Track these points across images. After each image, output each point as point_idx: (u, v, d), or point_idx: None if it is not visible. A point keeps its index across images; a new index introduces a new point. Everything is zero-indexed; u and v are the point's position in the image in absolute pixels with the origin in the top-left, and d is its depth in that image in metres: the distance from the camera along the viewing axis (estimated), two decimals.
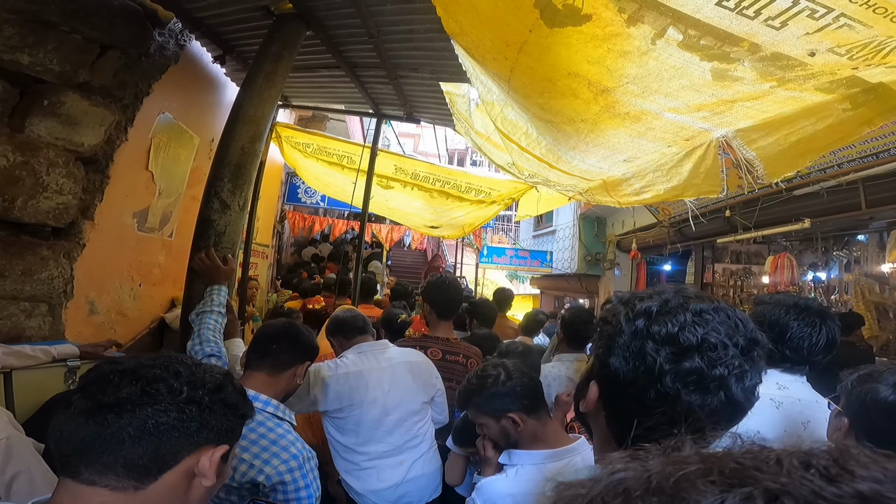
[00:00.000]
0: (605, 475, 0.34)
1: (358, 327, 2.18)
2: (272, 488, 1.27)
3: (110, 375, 0.69)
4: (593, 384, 0.73)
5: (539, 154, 2.91)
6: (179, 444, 0.69)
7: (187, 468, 0.70)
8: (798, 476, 0.29)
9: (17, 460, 1.14)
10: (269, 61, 2.49)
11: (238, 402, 0.79)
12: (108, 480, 0.65)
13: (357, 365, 2.04)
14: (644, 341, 0.66)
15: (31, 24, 2.26)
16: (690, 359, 0.64)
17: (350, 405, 1.97)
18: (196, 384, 0.73)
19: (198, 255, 2.13)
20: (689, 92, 1.66)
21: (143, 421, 0.66)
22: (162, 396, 0.69)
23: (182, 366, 0.75)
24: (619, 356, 0.68)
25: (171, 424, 0.68)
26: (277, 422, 1.39)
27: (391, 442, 2.00)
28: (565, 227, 10.64)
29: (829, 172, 4.29)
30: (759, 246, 6.89)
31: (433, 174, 5.32)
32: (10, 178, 2.26)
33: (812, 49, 1.44)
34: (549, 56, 1.78)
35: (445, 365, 2.31)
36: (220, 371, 0.81)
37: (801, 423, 1.38)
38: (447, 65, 3.16)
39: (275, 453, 1.29)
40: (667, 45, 1.56)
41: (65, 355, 2.09)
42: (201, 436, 0.71)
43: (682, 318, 0.65)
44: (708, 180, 2.10)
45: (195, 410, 0.71)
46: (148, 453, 0.66)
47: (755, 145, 1.86)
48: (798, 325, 1.41)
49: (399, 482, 1.97)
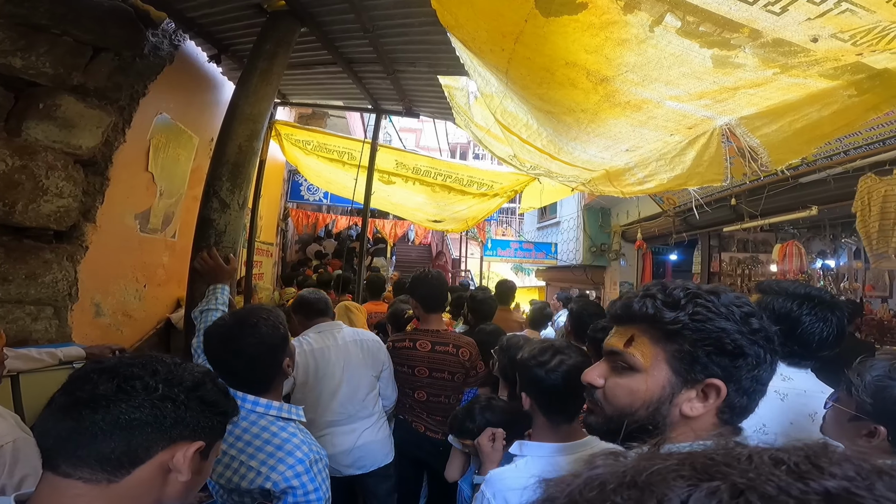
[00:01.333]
0: (585, 470, 0.35)
1: (319, 309, 2.37)
2: (282, 493, 1.26)
3: (91, 374, 0.72)
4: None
5: (540, 145, 2.88)
6: (152, 440, 0.70)
7: (161, 463, 0.71)
8: (766, 472, 0.30)
9: (24, 463, 1.15)
10: (263, 59, 2.47)
11: (217, 400, 0.81)
12: (83, 473, 0.67)
13: (318, 342, 2.27)
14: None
15: (21, 28, 2.25)
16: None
17: (315, 378, 2.20)
18: (172, 382, 0.74)
19: (199, 255, 2.13)
20: (689, 80, 1.63)
21: (115, 416, 0.68)
22: (136, 393, 0.71)
23: (161, 364, 0.76)
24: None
25: (144, 420, 0.70)
26: (283, 424, 1.37)
27: (344, 412, 2.23)
28: (569, 218, 10.58)
29: (835, 160, 4.23)
30: (766, 234, 6.81)
31: (434, 168, 5.29)
32: (9, 182, 2.27)
33: (814, 35, 1.40)
34: (546, 46, 1.75)
35: (435, 356, 2.36)
36: (200, 370, 0.82)
37: (807, 415, 1.35)
38: (444, 58, 3.13)
39: (280, 459, 1.28)
40: (665, 33, 1.53)
41: (71, 357, 2.11)
42: (175, 431, 0.73)
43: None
44: (712, 168, 2.06)
45: (170, 407, 0.72)
46: (120, 447, 0.68)
47: (759, 133, 1.82)
48: (810, 319, 1.35)
49: (351, 448, 2.21)
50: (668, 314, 0.76)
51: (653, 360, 0.78)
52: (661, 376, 0.77)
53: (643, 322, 0.80)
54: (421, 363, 2.36)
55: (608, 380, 0.83)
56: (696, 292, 0.77)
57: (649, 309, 0.78)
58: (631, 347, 0.80)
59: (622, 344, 0.81)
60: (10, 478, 1.11)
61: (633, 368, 0.79)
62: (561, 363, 1.26)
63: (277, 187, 7.62)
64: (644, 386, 0.78)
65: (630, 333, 0.81)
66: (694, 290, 0.78)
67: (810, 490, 0.28)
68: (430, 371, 2.36)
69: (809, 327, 1.35)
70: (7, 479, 1.11)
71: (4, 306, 2.30)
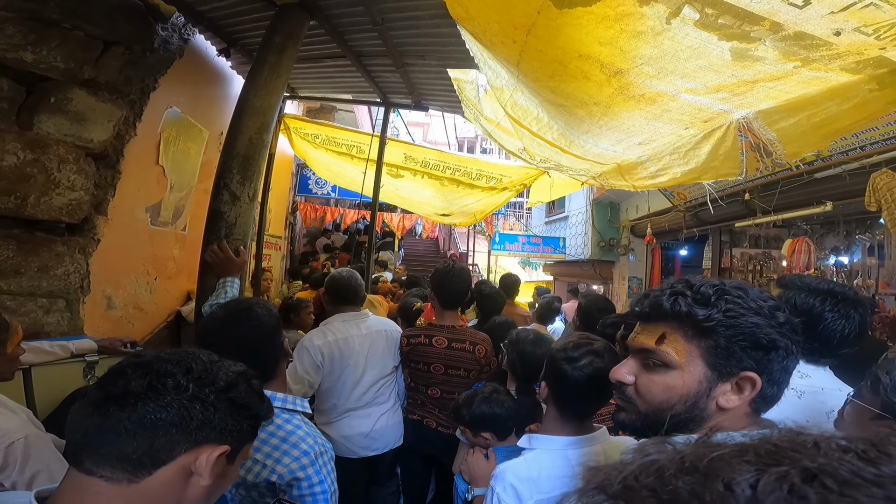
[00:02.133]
0: (637, 458, 0.35)
1: (346, 297, 2.39)
2: (287, 485, 1.25)
3: (126, 368, 0.71)
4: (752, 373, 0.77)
5: (551, 139, 2.85)
6: (176, 441, 0.68)
7: (184, 465, 0.69)
8: (836, 457, 0.30)
9: (36, 459, 1.15)
10: (273, 52, 2.45)
11: (250, 402, 0.78)
12: (104, 471, 0.66)
13: (342, 332, 2.31)
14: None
15: (32, 22, 2.26)
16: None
17: (339, 367, 2.27)
18: (205, 381, 0.72)
19: (210, 247, 2.13)
20: (707, 72, 1.59)
21: (141, 415, 0.67)
22: (166, 391, 0.69)
23: (196, 362, 0.74)
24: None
25: (170, 420, 0.68)
26: (287, 416, 1.35)
27: (364, 399, 2.32)
28: (578, 212, 10.50)
29: (851, 155, 4.14)
30: (778, 230, 6.70)
31: (443, 161, 5.27)
32: (21, 175, 2.29)
33: (837, 28, 1.37)
34: (558, 38, 1.72)
35: (451, 353, 2.31)
36: (236, 370, 0.79)
37: (824, 414, 1.31)
38: (454, 51, 3.10)
39: (285, 451, 1.26)
40: (682, 25, 1.50)
41: (83, 350, 2.12)
42: (201, 434, 0.70)
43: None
44: (727, 163, 2.02)
45: (198, 408, 0.70)
46: (142, 447, 0.66)
47: (776, 126, 1.78)
48: (832, 315, 1.30)
49: (368, 432, 2.30)
50: (702, 312, 0.78)
51: (687, 356, 0.80)
52: (697, 371, 0.79)
53: (675, 320, 0.81)
54: (437, 360, 2.32)
55: (639, 377, 0.85)
56: (725, 288, 0.79)
57: (682, 307, 0.79)
58: (664, 345, 0.82)
59: (653, 342, 0.83)
60: (21, 475, 1.12)
61: (667, 365, 0.81)
62: (590, 364, 1.24)
63: (286, 181, 7.64)
64: (681, 381, 0.80)
65: (661, 331, 0.83)
66: (721, 286, 0.79)
67: (883, 474, 0.28)
68: (446, 368, 2.32)
69: (832, 324, 1.31)
70: (18, 475, 1.12)
71: (17, 299, 2.32)
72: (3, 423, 1.19)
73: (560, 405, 1.28)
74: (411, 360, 2.37)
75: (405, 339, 2.40)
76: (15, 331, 1.37)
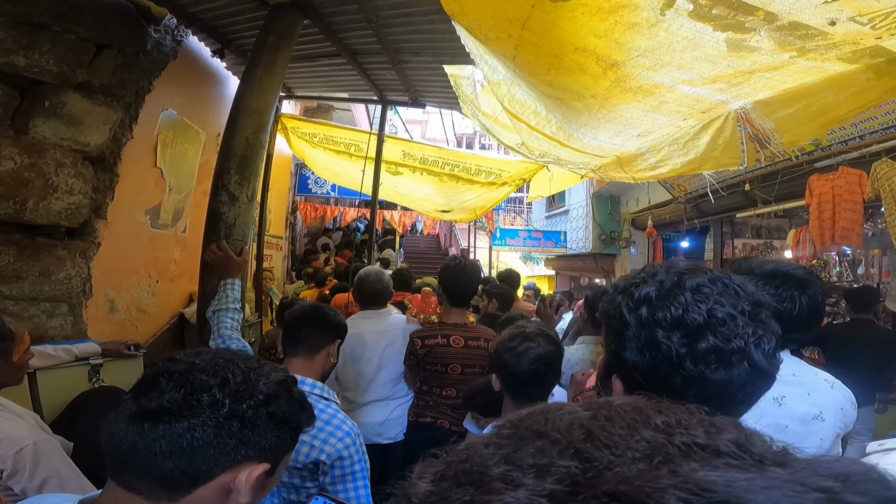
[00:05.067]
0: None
1: (369, 300, 2.53)
2: (332, 464, 1.38)
3: (160, 377, 0.67)
4: (616, 380, 0.71)
5: (549, 133, 2.84)
6: (214, 461, 0.65)
7: (223, 484, 0.66)
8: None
9: (45, 465, 1.15)
10: (267, 52, 2.44)
11: (292, 415, 0.73)
12: (143, 489, 0.64)
13: (358, 327, 2.35)
14: (653, 330, 0.63)
15: (23, 27, 2.25)
16: (704, 338, 0.62)
17: (352, 361, 2.38)
18: (242, 396, 0.67)
19: (209, 248, 2.11)
20: (703, 63, 1.59)
21: (177, 435, 0.64)
22: (202, 409, 0.65)
23: (234, 372, 0.69)
24: (633, 349, 0.66)
25: (207, 441, 0.64)
26: (325, 402, 1.47)
27: (382, 393, 2.43)
28: (578, 206, 10.48)
29: (850, 144, 4.12)
30: (780, 220, 6.68)
31: (442, 158, 5.26)
32: (19, 180, 2.29)
33: (832, 18, 1.36)
34: (553, 31, 1.71)
35: (469, 352, 2.28)
36: (277, 378, 0.73)
37: (770, 399, 1.24)
38: (449, 47, 3.08)
39: (330, 432, 1.40)
40: (677, 16, 1.49)
41: (87, 354, 2.11)
42: (240, 453, 0.67)
43: (683, 299, 0.63)
44: (727, 153, 2.02)
45: (236, 426, 0.66)
46: (179, 468, 0.64)
47: (774, 116, 1.77)
48: (774, 299, 1.22)
49: (383, 420, 2.42)
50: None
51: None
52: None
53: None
54: (455, 360, 2.27)
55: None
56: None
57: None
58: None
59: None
60: (31, 481, 1.11)
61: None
62: (527, 349, 1.32)
63: (285, 181, 7.63)
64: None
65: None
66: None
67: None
68: (463, 368, 2.27)
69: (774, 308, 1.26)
70: (28, 482, 1.11)
71: (19, 304, 2.32)
72: (11, 430, 1.18)
73: (511, 393, 1.39)
74: (427, 362, 2.28)
75: (419, 341, 2.28)
76: (21, 338, 1.36)
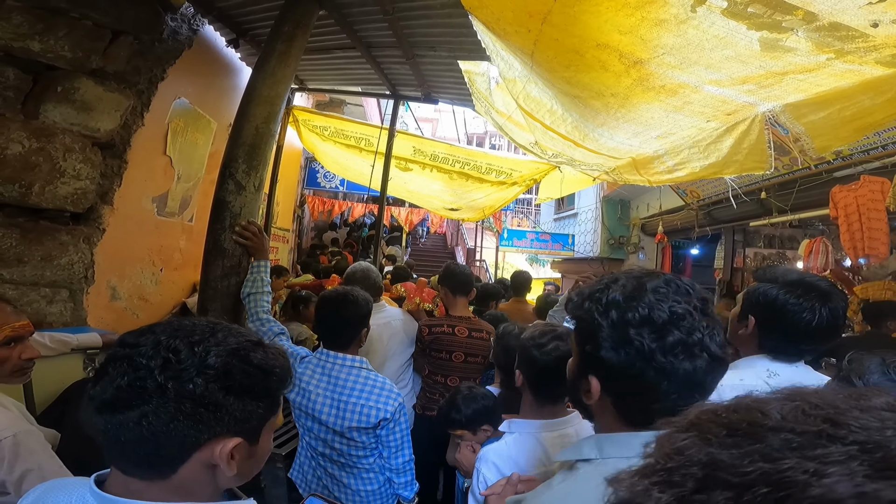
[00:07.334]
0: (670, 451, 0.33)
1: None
2: (390, 419, 1.66)
3: (109, 364, 0.65)
4: (592, 379, 0.77)
5: (564, 132, 2.77)
6: (181, 442, 0.64)
7: (202, 460, 0.65)
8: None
9: (26, 458, 1.10)
10: (281, 41, 2.40)
11: (252, 384, 0.68)
12: (133, 471, 0.65)
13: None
14: (625, 329, 0.71)
15: (40, 11, 2.23)
16: (670, 333, 0.70)
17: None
18: (187, 376, 0.63)
19: (240, 227, 2.08)
20: (733, 63, 1.52)
21: (134, 423, 0.62)
22: (149, 396, 0.62)
23: (177, 349, 0.65)
24: (608, 348, 0.73)
25: (165, 425, 0.62)
26: (368, 371, 1.74)
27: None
28: (588, 209, 10.38)
29: (872, 154, 4.02)
30: (793, 230, 6.57)
31: (452, 155, 5.19)
32: (26, 164, 2.26)
33: (875, 20, 1.30)
34: (576, 26, 1.64)
35: (472, 342, 2.54)
36: (230, 346, 0.68)
37: None
38: (465, 42, 3.02)
39: (387, 395, 1.67)
40: (709, 13, 1.42)
41: (86, 345, 2.07)
42: (205, 432, 0.64)
43: (647, 299, 0.72)
44: (752, 157, 1.94)
45: (189, 407, 0.63)
46: (150, 452, 0.63)
47: (805, 119, 1.69)
48: (795, 308, 1.21)
49: None
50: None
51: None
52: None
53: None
54: (459, 348, 2.52)
55: None
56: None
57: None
58: None
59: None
60: (10, 473, 1.07)
61: None
62: (556, 348, 1.34)
63: (294, 174, 7.61)
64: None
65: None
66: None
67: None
68: (466, 356, 2.52)
69: (794, 317, 1.21)
70: (7, 474, 1.07)
71: (19, 289, 2.30)
72: None
73: (534, 390, 1.38)
74: (433, 349, 2.53)
75: (426, 329, 2.56)
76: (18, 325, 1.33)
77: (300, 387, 1.73)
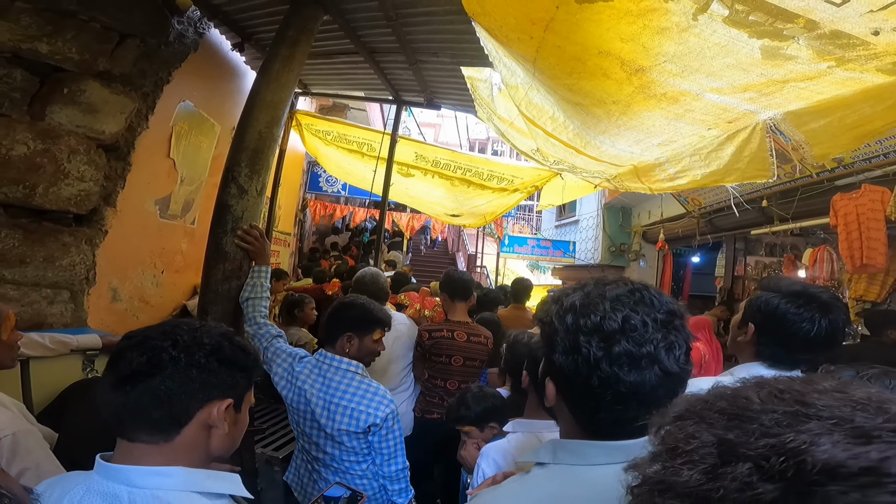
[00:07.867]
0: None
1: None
2: (381, 425, 1.64)
3: (125, 351, 0.82)
4: (549, 382, 0.78)
5: (566, 139, 2.78)
6: (188, 403, 0.81)
7: (201, 421, 0.82)
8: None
9: (24, 456, 1.11)
10: (285, 46, 2.42)
11: (237, 357, 0.88)
12: (142, 437, 0.79)
13: None
14: (576, 335, 0.71)
15: (48, 14, 2.25)
16: (618, 343, 0.69)
17: None
18: (192, 349, 0.82)
19: (242, 231, 2.08)
20: (734, 71, 1.53)
21: (154, 388, 0.79)
22: (165, 365, 0.80)
23: (182, 333, 0.84)
24: (560, 352, 0.73)
25: (178, 388, 0.80)
26: (362, 377, 1.73)
27: (391, 385, 2.53)
28: (589, 216, 10.38)
29: (874, 162, 4.02)
30: (795, 238, 6.56)
31: (454, 161, 5.21)
32: (31, 165, 2.27)
33: (876, 28, 1.31)
34: (578, 34, 1.66)
35: (471, 346, 2.60)
36: (218, 331, 0.89)
37: None
38: (468, 48, 3.04)
39: (379, 400, 1.66)
40: (710, 21, 1.43)
41: (85, 346, 2.06)
42: (205, 394, 0.82)
43: (603, 307, 0.71)
44: (753, 165, 1.95)
45: (195, 373, 0.82)
46: (165, 414, 0.79)
47: (805, 127, 1.70)
48: (795, 317, 1.23)
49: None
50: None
51: None
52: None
53: None
54: (458, 352, 2.57)
55: None
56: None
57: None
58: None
59: None
60: (8, 471, 1.08)
61: None
62: None
63: (297, 178, 7.63)
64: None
65: None
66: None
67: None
68: (465, 360, 2.57)
69: (794, 326, 1.23)
70: None
71: (21, 289, 2.30)
72: None
73: (538, 391, 1.35)
74: (433, 353, 2.58)
75: (426, 334, 2.62)
76: (6, 316, 1.34)
77: (296, 385, 1.73)
